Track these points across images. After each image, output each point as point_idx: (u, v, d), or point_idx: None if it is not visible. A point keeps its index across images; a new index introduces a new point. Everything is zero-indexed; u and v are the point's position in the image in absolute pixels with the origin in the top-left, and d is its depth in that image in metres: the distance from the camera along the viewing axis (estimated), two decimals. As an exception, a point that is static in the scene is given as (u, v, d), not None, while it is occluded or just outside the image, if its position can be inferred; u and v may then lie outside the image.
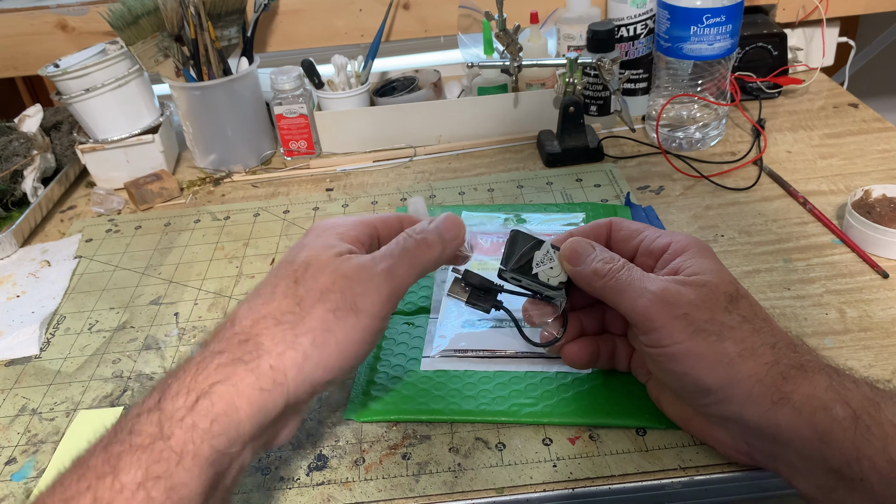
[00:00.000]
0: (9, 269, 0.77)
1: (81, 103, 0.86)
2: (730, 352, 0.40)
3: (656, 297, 0.41)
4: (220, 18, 0.88)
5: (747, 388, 0.39)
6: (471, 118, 0.91)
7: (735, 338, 0.40)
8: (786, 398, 0.38)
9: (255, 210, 0.83)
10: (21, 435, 0.56)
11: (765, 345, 0.40)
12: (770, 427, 0.39)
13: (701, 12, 0.78)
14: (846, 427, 0.37)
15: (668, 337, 0.41)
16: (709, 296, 0.41)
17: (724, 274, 0.43)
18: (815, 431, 0.38)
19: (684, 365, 0.41)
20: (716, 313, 0.41)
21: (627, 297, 0.42)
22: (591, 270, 0.45)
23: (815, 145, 0.85)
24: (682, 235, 0.46)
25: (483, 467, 0.49)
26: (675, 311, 0.41)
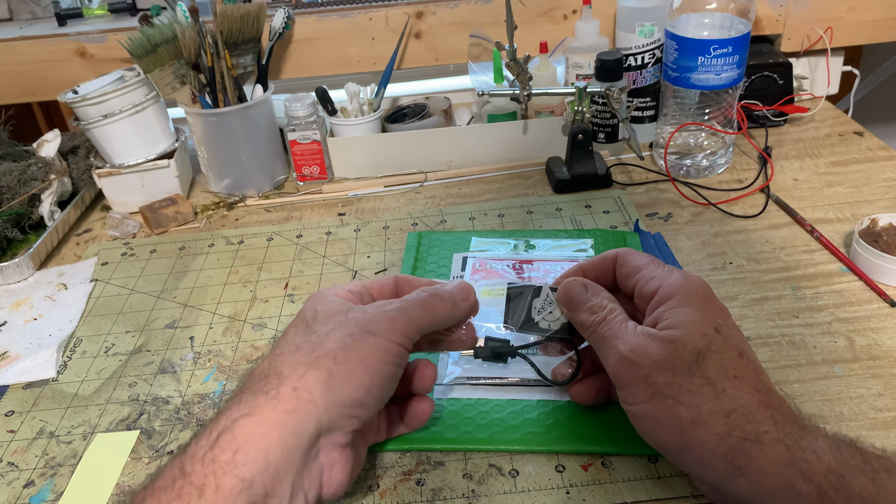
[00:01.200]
0: (26, 291, 0.78)
1: (99, 129, 0.88)
2: (682, 417, 0.40)
3: (623, 357, 0.43)
4: (236, 47, 0.90)
5: (699, 455, 0.40)
6: (481, 145, 0.93)
7: (690, 403, 0.40)
8: (739, 471, 0.38)
9: (268, 234, 0.84)
10: (39, 458, 0.57)
11: (719, 413, 0.39)
12: (730, 492, 0.39)
13: (708, 43, 0.79)
14: (811, 502, 0.36)
15: (631, 397, 0.43)
16: (674, 354, 0.41)
17: (698, 326, 0.42)
18: (774, 497, 0.37)
19: (643, 424, 0.43)
20: (677, 375, 0.40)
21: (604, 353, 0.45)
22: (579, 322, 0.47)
23: (821, 173, 0.86)
24: (675, 278, 0.45)
25: (497, 494, 0.50)
26: (638, 372, 0.42)
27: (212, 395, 0.61)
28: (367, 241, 0.81)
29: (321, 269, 0.77)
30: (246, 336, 0.68)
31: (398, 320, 0.42)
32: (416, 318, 0.44)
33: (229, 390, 0.62)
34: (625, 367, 0.42)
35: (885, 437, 0.51)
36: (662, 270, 0.47)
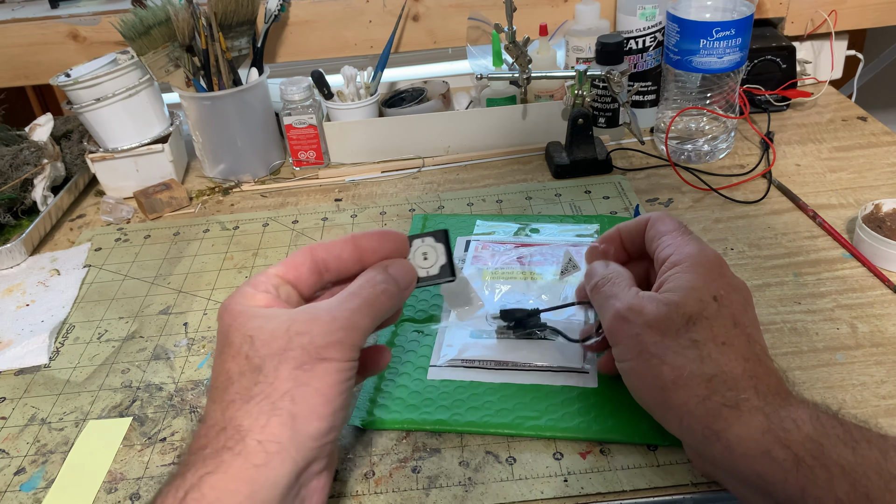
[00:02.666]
0: (18, 277, 0.77)
1: (92, 113, 0.86)
2: (665, 377, 0.41)
3: (618, 314, 0.44)
4: (230, 29, 0.89)
5: (678, 416, 0.40)
6: (479, 129, 0.91)
7: (673, 364, 0.40)
8: (716, 435, 0.39)
9: (264, 220, 0.83)
10: (30, 445, 0.56)
11: (700, 376, 0.40)
12: (708, 455, 0.40)
13: (710, 25, 0.78)
14: (787, 468, 0.36)
15: (621, 354, 0.44)
16: (667, 316, 0.42)
17: (697, 292, 0.42)
18: (753, 471, 0.37)
19: (630, 381, 0.44)
20: (666, 336, 0.41)
21: (603, 311, 0.46)
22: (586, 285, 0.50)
23: (824, 158, 0.85)
24: (690, 248, 0.46)
25: (493, 481, 0.49)
26: (630, 329, 0.43)
27: (205, 382, 0.61)
28: (364, 227, 0.80)
29: (317, 254, 0.76)
30: (240, 322, 0.67)
31: (347, 339, 0.39)
32: (364, 327, 0.41)
33: (223, 377, 0.61)
34: (618, 324, 0.43)
35: (889, 424, 0.51)
36: (682, 239, 0.47)
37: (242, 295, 0.41)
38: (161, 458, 0.54)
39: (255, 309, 0.40)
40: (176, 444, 0.55)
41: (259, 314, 0.40)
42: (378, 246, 0.44)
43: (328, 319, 0.39)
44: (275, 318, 0.39)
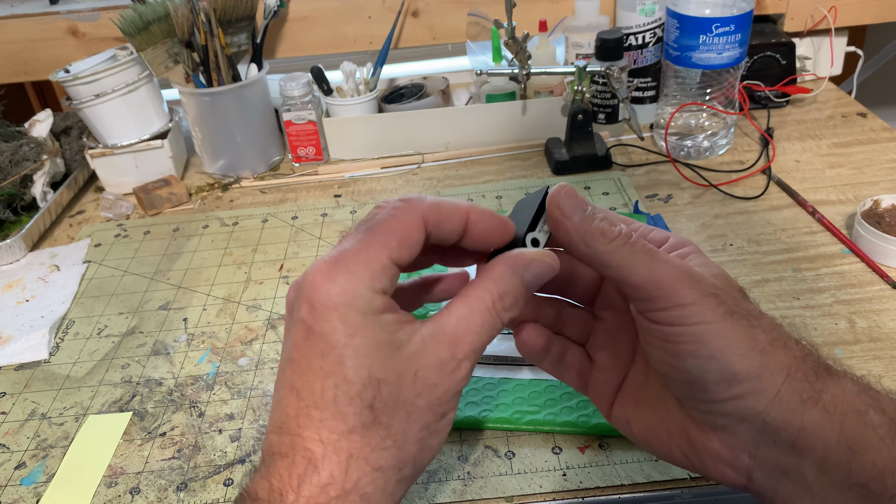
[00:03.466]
0: (18, 273, 0.77)
1: (91, 108, 0.86)
2: (761, 339, 0.34)
3: (683, 269, 0.35)
4: (230, 25, 0.89)
5: (777, 382, 0.34)
6: (479, 125, 0.91)
7: (764, 326, 0.35)
8: (816, 397, 0.34)
9: (263, 216, 0.83)
10: (31, 439, 0.56)
11: (791, 338, 0.35)
12: (793, 429, 0.34)
13: (710, 21, 0.78)
14: (882, 435, 0.32)
15: (698, 315, 0.34)
16: (727, 283, 0.36)
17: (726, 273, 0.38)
18: (843, 438, 0.33)
19: (713, 347, 0.34)
20: (738, 300, 0.35)
21: (645, 265, 0.35)
22: (596, 230, 0.35)
23: (823, 154, 0.85)
24: (680, 237, 0.41)
25: (492, 476, 0.49)
26: (706, 288, 0.35)
27: (205, 377, 0.61)
28: (364, 223, 0.80)
29: (316, 250, 0.76)
30: (240, 317, 0.67)
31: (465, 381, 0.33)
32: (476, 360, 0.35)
33: (223, 372, 0.61)
34: (688, 281, 0.34)
35: (886, 419, 0.51)
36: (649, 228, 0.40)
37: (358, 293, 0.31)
38: (161, 452, 0.54)
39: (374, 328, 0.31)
40: (175, 439, 0.55)
41: (380, 340, 0.31)
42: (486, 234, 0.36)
43: (454, 366, 0.32)
44: (398, 349, 0.31)
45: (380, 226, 0.32)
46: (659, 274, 0.35)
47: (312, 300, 0.31)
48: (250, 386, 0.59)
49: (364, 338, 0.30)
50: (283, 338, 0.34)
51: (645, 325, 0.37)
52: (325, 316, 0.30)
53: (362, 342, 0.30)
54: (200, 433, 0.55)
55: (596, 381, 0.41)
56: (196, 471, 0.52)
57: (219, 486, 0.51)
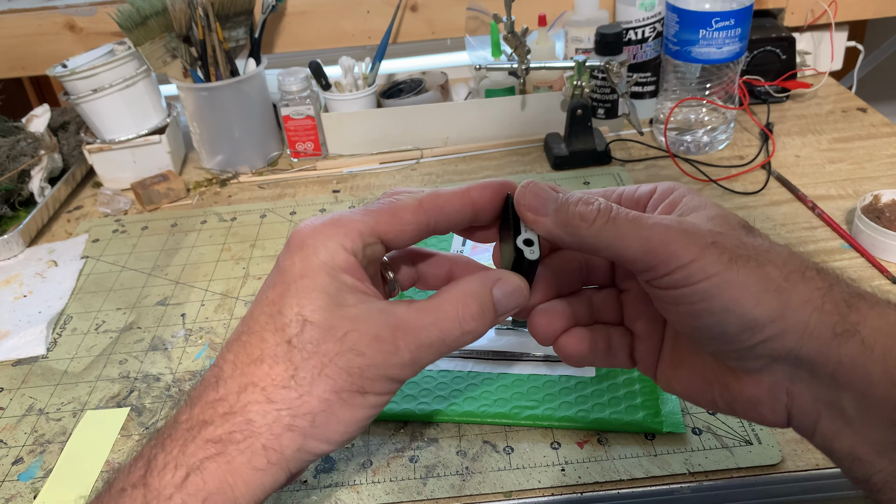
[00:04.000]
0: (16, 268, 0.77)
1: (89, 103, 0.86)
2: (774, 277, 0.32)
3: (674, 228, 0.33)
4: (228, 19, 0.88)
5: (803, 317, 0.32)
6: (478, 120, 0.91)
7: (775, 261, 0.32)
8: (852, 330, 0.31)
9: (261, 211, 0.83)
10: (28, 435, 0.56)
11: (810, 268, 0.32)
12: (830, 364, 0.32)
13: (710, 16, 0.78)
14: None
15: (701, 271, 0.32)
16: (725, 224, 0.34)
17: (725, 209, 0.35)
18: (888, 372, 0.31)
19: (725, 299, 0.32)
20: (742, 238, 0.33)
21: (634, 236, 0.33)
22: (574, 217, 0.34)
23: (823, 150, 0.85)
24: (666, 181, 0.38)
25: (491, 471, 0.49)
26: (702, 240, 0.33)
27: (203, 373, 0.60)
28: (362, 218, 0.80)
29: (315, 245, 0.76)
30: (238, 313, 0.67)
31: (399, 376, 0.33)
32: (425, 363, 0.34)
33: (221, 367, 0.61)
34: (683, 238, 0.33)
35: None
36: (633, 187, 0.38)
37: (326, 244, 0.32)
38: (158, 448, 0.54)
39: (327, 277, 0.32)
40: (173, 435, 0.55)
41: (327, 290, 0.32)
42: (494, 201, 0.37)
43: (391, 349, 0.32)
44: (339, 307, 0.32)
45: (376, 204, 0.34)
46: (651, 241, 0.33)
47: (291, 241, 0.33)
48: (248, 381, 0.59)
49: (312, 281, 0.32)
50: None
51: (654, 292, 0.36)
52: (290, 254, 0.32)
53: (309, 284, 0.32)
54: (198, 428, 0.55)
55: (641, 352, 0.40)
56: (194, 466, 0.52)
57: (217, 482, 0.51)
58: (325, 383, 0.32)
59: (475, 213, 0.36)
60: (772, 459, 0.48)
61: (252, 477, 0.33)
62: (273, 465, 0.33)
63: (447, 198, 0.36)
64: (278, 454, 0.33)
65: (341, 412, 0.33)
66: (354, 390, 0.32)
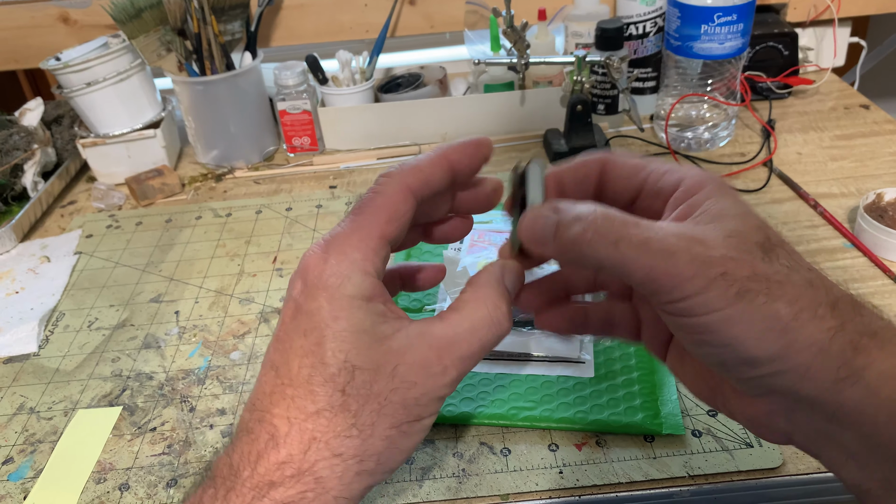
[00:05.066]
0: (8, 264, 0.76)
1: (83, 97, 0.85)
2: (783, 315, 0.30)
3: (681, 255, 0.31)
4: (223, 12, 0.87)
5: (806, 360, 0.31)
6: (476, 116, 0.90)
7: (788, 296, 0.30)
8: (856, 374, 0.30)
9: (257, 207, 0.82)
10: (18, 434, 0.55)
11: (824, 304, 0.30)
12: (830, 405, 0.31)
13: (712, 11, 0.77)
14: None
15: (704, 305, 0.31)
16: (742, 244, 0.31)
17: (750, 217, 0.32)
18: (892, 417, 0.30)
19: (726, 336, 0.32)
20: (756, 266, 0.31)
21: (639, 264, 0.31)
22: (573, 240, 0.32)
23: (825, 147, 0.84)
24: (697, 170, 0.35)
25: (488, 473, 0.49)
26: (710, 270, 0.31)
27: (196, 371, 0.60)
28: (359, 214, 0.79)
29: (311, 242, 0.75)
30: (233, 311, 0.66)
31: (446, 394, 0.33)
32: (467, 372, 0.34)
33: (215, 366, 0.60)
34: (690, 268, 0.31)
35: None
36: (674, 164, 0.36)
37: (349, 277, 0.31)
38: (151, 447, 0.53)
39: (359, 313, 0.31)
40: (166, 434, 0.54)
41: (363, 328, 0.31)
42: (472, 162, 0.36)
43: (440, 371, 0.32)
44: (379, 342, 0.31)
45: (367, 205, 0.32)
46: (655, 270, 0.31)
47: (305, 279, 0.31)
48: (242, 381, 0.58)
49: (348, 322, 0.31)
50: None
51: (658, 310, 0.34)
52: (314, 295, 0.31)
53: (345, 326, 0.31)
54: (191, 428, 0.54)
55: (647, 335, 0.39)
56: (186, 467, 0.51)
57: (209, 483, 0.50)
58: (384, 422, 0.32)
59: (454, 175, 0.35)
60: (773, 462, 0.47)
61: None
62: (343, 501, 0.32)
63: (430, 171, 0.34)
64: (347, 500, 0.32)
65: (402, 443, 0.32)
66: (412, 420, 0.32)
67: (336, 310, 0.31)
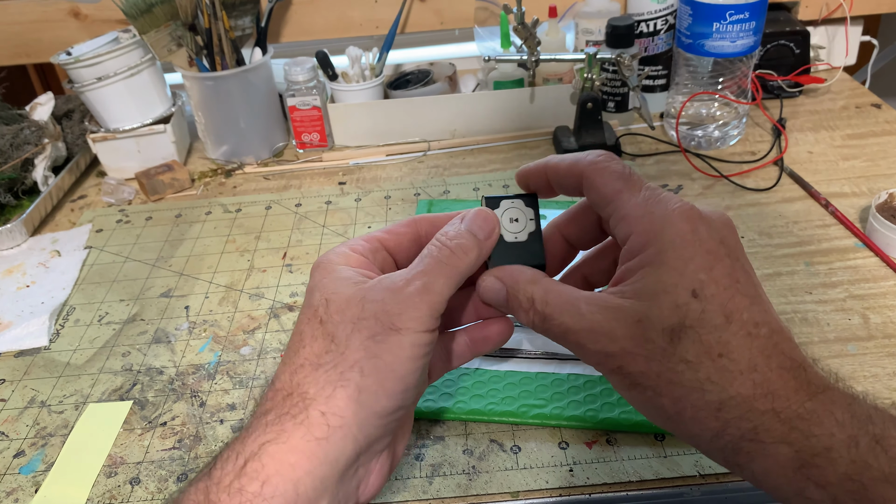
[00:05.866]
0: (19, 258, 0.77)
1: (93, 92, 0.85)
2: (668, 409, 0.34)
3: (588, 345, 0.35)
4: (234, 8, 0.87)
5: (695, 442, 0.35)
6: (486, 113, 0.90)
7: (672, 395, 0.33)
8: (739, 467, 0.33)
9: (266, 203, 0.82)
10: (30, 427, 0.56)
11: (706, 407, 0.33)
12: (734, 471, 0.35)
13: (724, 8, 0.76)
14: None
15: (612, 384, 0.37)
16: (643, 336, 0.34)
17: (670, 295, 0.34)
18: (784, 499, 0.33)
19: (636, 405, 0.36)
20: (652, 362, 0.33)
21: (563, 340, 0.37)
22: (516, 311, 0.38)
23: (837, 146, 0.84)
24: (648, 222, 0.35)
25: (498, 470, 0.49)
26: (610, 363, 0.35)
27: (206, 366, 0.60)
28: (368, 212, 0.79)
29: (320, 238, 0.75)
30: (242, 306, 0.66)
31: (422, 304, 0.36)
32: (441, 291, 0.36)
33: (225, 361, 0.60)
34: (594, 358, 0.35)
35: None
36: (635, 205, 0.36)
37: (336, 254, 0.39)
38: (161, 442, 0.53)
39: (343, 269, 0.38)
40: (176, 429, 0.54)
41: (343, 277, 0.37)
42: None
43: (402, 285, 0.36)
44: (356, 284, 0.37)
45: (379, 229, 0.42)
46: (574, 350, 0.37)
47: (314, 265, 0.39)
48: (252, 376, 0.59)
49: (330, 278, 0.38)
50: None
51: None
52: (312, 274, 0.39)
53: (328, 280, 0.38)
54: (202, 423, 0.55)
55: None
56: (197, 461, 0.52)
57: (220, 478, 0.50)
58: (359, 334, 0.35)
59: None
60: (784, 462, 0.47)
61: (315, 449, 0.34)
62: (335, 429, 0.34)
63: (440, 215, 0.41)
64: (338, 417, 0.34)
65: (385, 355, 0.35)
66: (387, 329, 0.35)
67: (325, 272, 0.38)
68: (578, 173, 0.38)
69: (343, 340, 0.36)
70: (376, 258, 0.40)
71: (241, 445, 0.34)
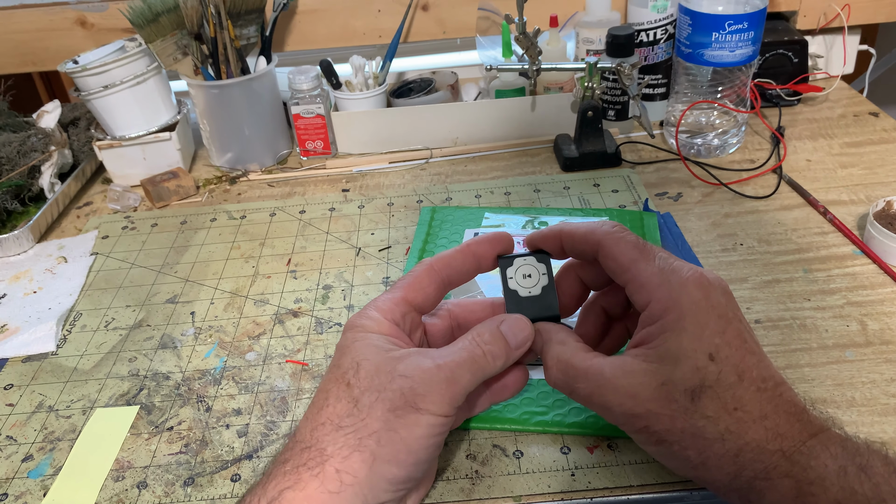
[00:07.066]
0: (26, 264, 0.77)
1: (99, 100, 0.86)
2: (692, 460, 0.38)
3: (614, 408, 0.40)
4: (239, 17, 0.88)
5: (715, 487, 0.39)
6: (488, 121, 0.91)
7: (696, 447, 0.38)
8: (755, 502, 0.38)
9: (271, 209, 0.83)
10: (38, 432, 0.56)
11: (726, 455, 0.37)
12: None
13: (723, 19, 0.77)
14: None
15: (637, 441, 0.42)
16: (668, 398, 0.38)
17: (690, 360, 0.38)
18: None
19: (661, 459, 0.41)
20: (676, 420, 0.38)
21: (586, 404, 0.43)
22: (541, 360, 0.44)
23: (835, 154, 0.85)
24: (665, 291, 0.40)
25: (500, 475, 0.49)
26: (636, 423, 0.39)
27: (212, 372, 0.61)
28: (371, 218, 0.80)
29: (324, 245, 0.76)
30: (248, 312, 0.67)
31: (446, 392, 0.39)
32: (465, 384, 0.40)
33: (231, 366, 0.61)
34: (621, 419, 0.40)
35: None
36: (651, 273, 0.40)
37: (369, 318, 0.42)
38: (168, 447, 0.54)
39: (374, 337, 0.41)
40: (183, 434, 0.55)
41: (375, 344, 0.40)
42: (491, 250, 0.46)
43: (432, 368, 0.39)
44: (387, 352, 0.40)
45: (399, 280, 0.45)
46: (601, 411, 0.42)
47: (345, 326, 0.43)
48: (258, 381, 0.59)
49: (363, 342, 0.40)
50: None
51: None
52: (343, 335, 0.42)
53: (360, 344, 0.40)
54: (208, 428, 0.55)
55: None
56: (203, 466, 0.52)
57: (226, 482, 0.51)
58: (382, 405, 0.38)
59: (478, 262, 0.45)
60: (783, 467, 0.48)
61: (328, 500, 0.37)
62: (347, 487, 0.37)
63: (452, 255, 0.44)
64: (352, 476, 0.37)
65: (402, 430, 0.38)
66: (408, 406, 0.38)
67: (356, 336, 0.41)
68: (595, 242, 0.43)
69: (366, 408, 0.38)
70: (405, 322, 0.43)
71: (262, 490, 0.37)
